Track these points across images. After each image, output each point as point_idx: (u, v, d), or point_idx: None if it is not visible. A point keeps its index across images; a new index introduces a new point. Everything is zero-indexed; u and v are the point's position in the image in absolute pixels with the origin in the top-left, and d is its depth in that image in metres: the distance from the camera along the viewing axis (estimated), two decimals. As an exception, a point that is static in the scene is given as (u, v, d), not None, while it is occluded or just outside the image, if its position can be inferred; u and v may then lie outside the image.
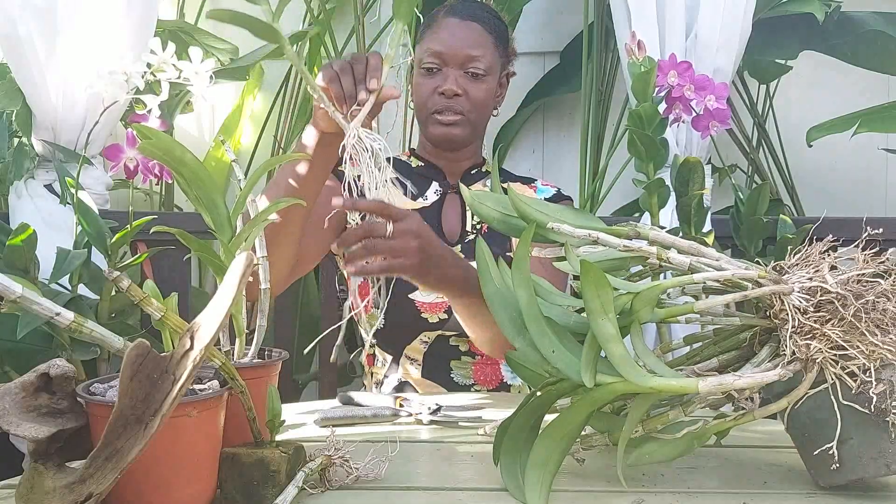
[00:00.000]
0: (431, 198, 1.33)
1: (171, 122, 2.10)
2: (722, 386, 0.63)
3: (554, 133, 2.28)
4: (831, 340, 0.65)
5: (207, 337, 0.58)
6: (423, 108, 1.29)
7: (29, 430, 0.58)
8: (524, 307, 0.68)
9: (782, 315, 0.68)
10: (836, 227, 0.93)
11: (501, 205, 0.85)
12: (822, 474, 0.70)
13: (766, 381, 0.64)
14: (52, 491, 0.57)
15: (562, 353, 0.67)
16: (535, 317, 0.68)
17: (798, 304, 0.66)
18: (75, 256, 1.41)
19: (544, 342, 0.68)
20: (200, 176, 0.77)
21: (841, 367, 0.66)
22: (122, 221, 1.47)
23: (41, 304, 0.61)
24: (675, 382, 0.64)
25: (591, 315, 0.64)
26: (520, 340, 0.70)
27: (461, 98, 1.27)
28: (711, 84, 1.38)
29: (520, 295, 0.68)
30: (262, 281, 0.90)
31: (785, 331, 0.67)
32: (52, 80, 1.62)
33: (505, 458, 0.72)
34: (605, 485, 0.72)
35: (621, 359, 0.64)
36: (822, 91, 2.14)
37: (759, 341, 0.73)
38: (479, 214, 0.86)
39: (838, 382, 0.66)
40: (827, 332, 0.65)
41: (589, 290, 0.63)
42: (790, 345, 0.67)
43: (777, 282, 0.69)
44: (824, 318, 0.66)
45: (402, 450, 0.83)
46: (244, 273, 0.61)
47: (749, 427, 0.92)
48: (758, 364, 0.69)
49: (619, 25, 1.67)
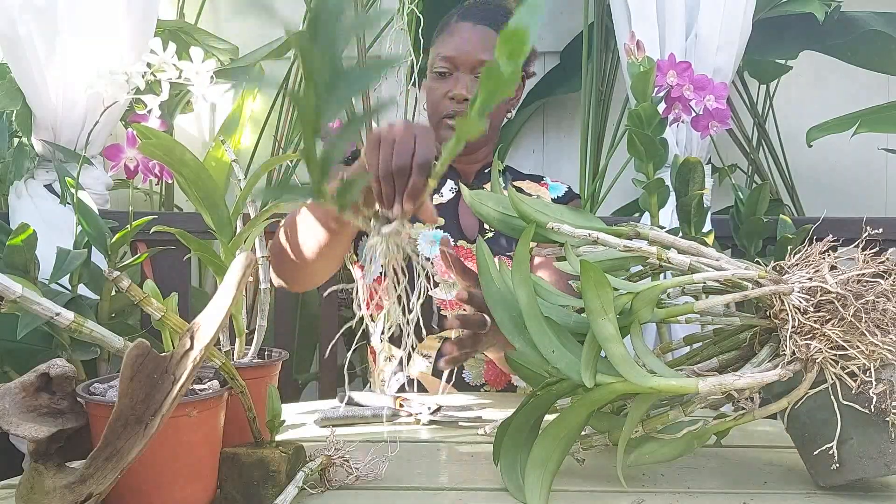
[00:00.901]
0: (447, 195, 1.34)
1: (171, 123, 2.11)
2: (722, 386, 0.63)
3: (554, 133, 2.28)
4: (831, 340, 0.65)
5: (207, 337, 0.58)
6: (435, 112, 1.30)
7: (29, 430, 0.58)
8: (524, 307, 0.68)
9: (782, 315, 0.68)
10: (836, 227, 0.94)
11: (502, 205, 0.85)
12: (821, 474, 0.70)
13: (765, 381, 0.64)
14: (52, 491, 0.57)
15: (562, 353, 0.67)
16: (535, 316, 0.68)
17: (798, 304, 0.66)
18: (75, 256, 1.41)
19: (544, 342, 0.68)
20: (201, 176, 0.77)
21: (841, 367, 0.65)
22: (122, 221, 1.47)
23: (41, 304, 0.61)
24: (675, 382, 0.64)
25: (591, 315, 0.64)
26: (520, 340, 0.70)
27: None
28: (711, 84, 1.38)
29: (520, 295, 0.68)
30: (263, 281, 0.90)
31: (785, 331, 0.67)
32: (52, 80, 1.62)
33: (505, 459, 0.72)
34: (605, 485, 0.72)
35: (621, 359, 0.64)
36: (822, 91, 2.14)
37: (759, 341, 0.73)
38: (479, 214, 0.86)
39: (838, 382, 0.66)
40: (827, 332, 0.65)
41: (589, 290, 0.63)
42: (790, 345, 0.67)
43: (777, 282, 0.69)
44: (824, 318, 0.66)
45: (402, 450, 0.83)
46: (244, 273, 0.61)
47: (749, 427, 0.92)
48: (758, 364, 0.69)
49: (619, 25, 1.67)
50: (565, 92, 2.16)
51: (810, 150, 1.84)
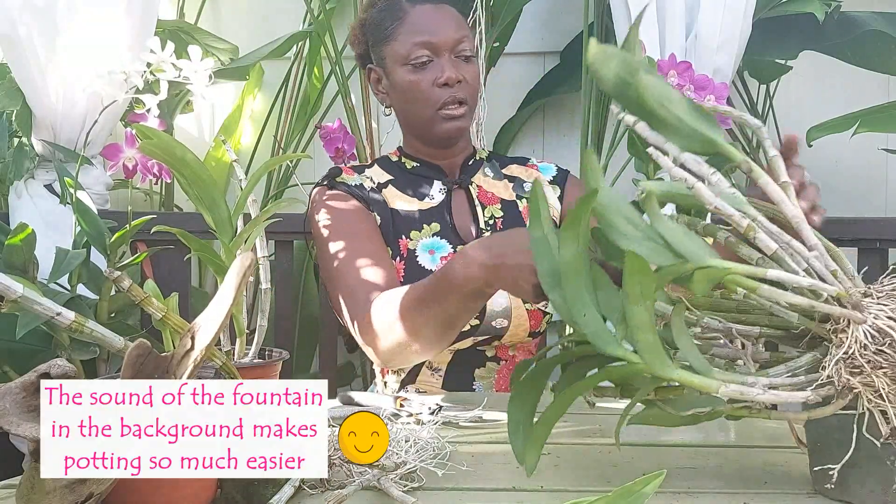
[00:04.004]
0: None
1: (171, 123, 2.10)
2: (742, 396, 0.61)
3: (554, 133, 2.28)
4: (874, 388, 0.61)
5: (208, 337, 0.58)
6: (426, 105, 1.20)
7: (29, 430, 0.58)
8: (566, 264, 0.65)
9: (841, 336, 0.63)
10: (836, 227, 0.93)
11: (627, 70, 0.71)
12: (819, 480, 0.69)
13: (789, 401, 0.62)
14: (52, 491, 0.57)
15: (593, 319, 0.65)
16: (574, 275, 0.65)
17: (861, 338, 0.61)
18: (74, 256, 1.41)
19: (578, 304, 0.65)
20: (201, 176, 0.77)
21: (875, 406, 0.62)
22: (122, 221, 1.47)
23: (42, 303, 0.61)
24: (697, 380, 0.62)
25: (627, 298, 0.62)
26: (555, 294, 0.68)
27: (462, 84, 1.20)
28: (711, 84, 1.38)
29: (565, 251, 0.65)
30: (263, 281, 0.90)
31: (834, 353, 0.63)
32: (52, 80, 1.62)
33: (512, 405, 0.71)
34: (606, 484, 0.72)
35: (648, 347, 0.62)
36: (821, 91, 2.14)
37: (808, 342, 0.68)
38: (597, 73, 0.73)
39: (867, 414, 0.62)
40: (875, 378, 0.61)
41: (632, 276, 0.60)
42: (831, 369, 0.62)
43: (855, 306, 0.63)
44: (879, 364, 0.61)
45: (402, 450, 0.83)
46: (244, 273, 0.61)
47: (749, 427, 0.92)
48: (793, 371, 0.65)
49: (619, 25, 1.67)
50: (565, 92, 2.16)
51: (810, 149, 1.84)
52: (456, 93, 1.19)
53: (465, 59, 1.21)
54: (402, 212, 1.24)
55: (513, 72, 2.22)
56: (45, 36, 1.60)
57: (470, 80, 1.21)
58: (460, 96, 1.20)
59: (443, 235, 1.23)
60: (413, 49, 1.19)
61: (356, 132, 1.94)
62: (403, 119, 1.28)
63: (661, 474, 0.51)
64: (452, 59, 1.20)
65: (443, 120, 1.20)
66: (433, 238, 1.22)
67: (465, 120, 1.23)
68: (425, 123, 1.23)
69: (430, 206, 1.26)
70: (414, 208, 1.25)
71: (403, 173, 1.29)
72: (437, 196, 1.27)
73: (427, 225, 1.24)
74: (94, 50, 1.62)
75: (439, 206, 1.26)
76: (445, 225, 1.24)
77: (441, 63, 1.19)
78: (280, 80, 2.16)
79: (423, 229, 1.23)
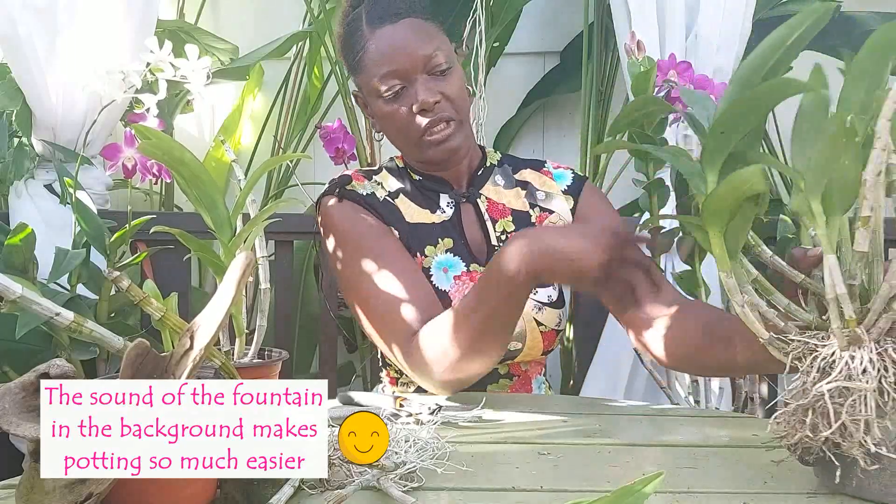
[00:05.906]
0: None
1: (171, 123, 2.11)
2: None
3: (554, 133, 2.28)
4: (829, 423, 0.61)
5: (207, 337, 0.58)
6: (409, 135, 1.14)
7: (29, 430, 0.58)
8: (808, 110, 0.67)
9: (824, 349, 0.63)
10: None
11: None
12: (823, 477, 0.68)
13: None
14: (52, 491, 0.57)
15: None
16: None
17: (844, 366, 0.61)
18: (74, 256, 1.41)
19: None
20: (200, 176, 0.77)
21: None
22: (122, 221, 1.47)
23: (41, 303, 0.61)
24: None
25: (718, 264, 0.67)
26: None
27: (441, 103, 1.11)
28: (711, 84, 1.38)
29: (806, 100, 0.66)
30: (263, 281, 0.90)
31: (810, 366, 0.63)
32: (52, 80, 1.63)
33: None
34: (605, 485, 0.72)
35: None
36: (821, 91, 2.14)
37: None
38: None
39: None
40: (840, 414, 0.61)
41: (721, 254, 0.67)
42: (802, 380, 0.64)
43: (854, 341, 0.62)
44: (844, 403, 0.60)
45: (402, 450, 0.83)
46: (244, 273, 0.61)
47: (750, 427, 0.92)
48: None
49: (619, 25, 1.67)
50: (565, 92, 2.16)
51: (810, 150, 1.84)
52: (438, 114, 1.12)
53: (440, 73, 1.12)
54: (417, 224, 1.19)
55: (513, 72, 2.23)
56: (45, 36, 1.60)
57: (451, 94, 1.12)
58: (445, 115, 1.12)
59: (456, 252, 1.17)
60: (382, 81, 1.11)
61: (356, 132, 1.94)
62: (395, 145, 1.22)
63: (660, 474, 0.51)
64: (426, 78, 1.11)
65: (431, 145, 1.14)
66: (447, 254, 1.17)
67: (456, 137, 1.14)
68: (414, 151, 1.17)
69: (442, 220, 1.19)
70: (428, 221, 1.19)
71: (412, 183, 1.22)
72: (448, 210, 1.20)
73: (441, 240, 1.18)
74: (94, 50, 1.63)
75: (451, 221, 1.20)
76: (458, 240, 1.18)
77: (415, 89, 1.11)
78: (280, 80, 2.17)
79: (437, 244, 1.17)
